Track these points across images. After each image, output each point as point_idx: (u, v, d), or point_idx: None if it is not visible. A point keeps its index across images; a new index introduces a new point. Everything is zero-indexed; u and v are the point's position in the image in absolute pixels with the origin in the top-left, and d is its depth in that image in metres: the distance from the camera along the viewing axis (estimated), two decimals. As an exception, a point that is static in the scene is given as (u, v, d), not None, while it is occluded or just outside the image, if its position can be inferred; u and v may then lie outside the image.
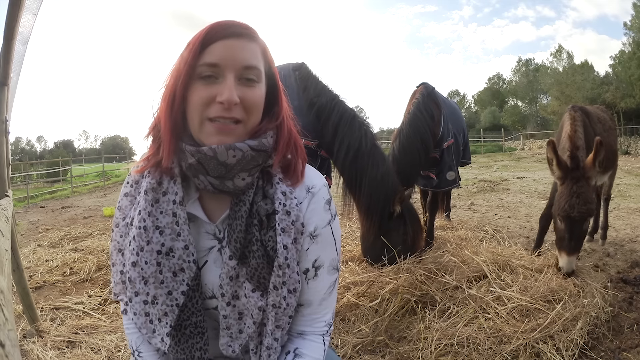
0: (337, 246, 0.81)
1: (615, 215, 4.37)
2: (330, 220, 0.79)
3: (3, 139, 1.85)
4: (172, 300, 0.70)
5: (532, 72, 39.59)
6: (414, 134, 2.78)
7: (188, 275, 0.70)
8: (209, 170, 0.68)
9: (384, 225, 2.44)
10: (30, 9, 1.63)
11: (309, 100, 2.35)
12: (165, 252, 0.70)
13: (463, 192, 7.07)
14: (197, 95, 0.67)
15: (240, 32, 0.69)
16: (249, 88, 0.69)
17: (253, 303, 0.71)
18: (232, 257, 0.70)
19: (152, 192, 0.71)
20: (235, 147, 0.68)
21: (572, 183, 2.17)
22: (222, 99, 0.66)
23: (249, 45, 0.69)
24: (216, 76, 0.67)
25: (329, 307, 0.81)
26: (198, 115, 0.68)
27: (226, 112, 0.67)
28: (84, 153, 60.43)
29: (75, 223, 5.70)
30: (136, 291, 0.70)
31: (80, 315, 2.28)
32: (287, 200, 0.72)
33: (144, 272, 0.69)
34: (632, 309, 2.07)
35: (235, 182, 0.70)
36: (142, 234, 0.69)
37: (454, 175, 3.07)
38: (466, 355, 1.65)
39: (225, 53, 0.67)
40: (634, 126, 22.73)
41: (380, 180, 2.40)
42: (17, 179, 12.27)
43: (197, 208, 0.74)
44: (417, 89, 3.13)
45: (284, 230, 0.71)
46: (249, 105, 0.69)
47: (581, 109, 2.80)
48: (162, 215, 0.70)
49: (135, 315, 0.72)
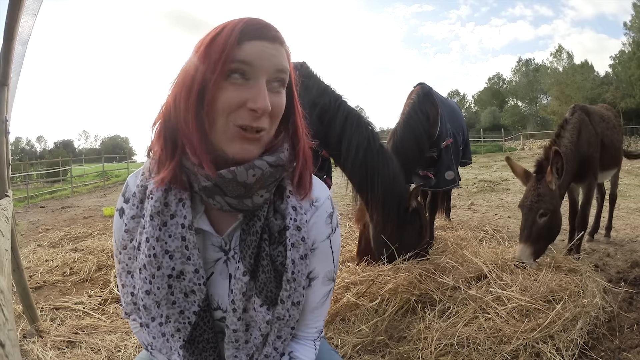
0: (335, 258, 0.80)
1: (615, 215, 4.36)
2: (330, 234, 0.78)
3: (3, 139, 1.85)
4: (184, 319, 0.70)
5: (532, 72, 39.60)
6: (409, 134, 2.81)
7: (199, 297, 0.69)
8: (226, 192, 0.65)
9: (400, 221, 2.47)
10: (30, 10, 1.63)
11: (312, 101, 2.35)
12: (176, 276, 0.68)
13: (463, 192, 7.07)
14: (226, 96, 0.62)
15: (275, 35, 0.66)
16: (276, 94, 0.66)
17: (261, 317, 0.70)
18: (245, 272, 0.69)
19: (158, 216, 0.67)
20: (255, 166, 0.65)
21: (533, 182, 2.46)
22: (256, 107, 0.61)
23: (281, 49, 0.66)
24: (247, 77, 0.63)
25: (320, 315, 0.82)
26: (225, 117, 0.63)
27: (255, 121, 0.63)
28: (84, 153, 60.50)
29: (75, 223, 5.71)
30: (152, 317, 0.69)
31: (80, 315, 2.28)
32: (297, 215, 0.71)
33: (156, 297, 0.68)
34: (632, 309, 2.07)
35: (254, 200, 0.68)
36: (152, 261, 0.67)
37: (453, 175, 3.08)
38: (466, 355, 1.65)
39: (261, 54, 0.63)
40: (634, 126, 22.75)
41: (393, 177, 2.45)
42: (17, 179, 12.27)
43: (205, 222, 0.72)
44: (413, 89, 3.14)
45: (294, 246, 0.70)
46: (275, 112, 0.66)
47: (582, 109, 2.81)
48: (170, 239, 0.67)
49: (154, 339, 0.71)
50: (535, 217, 2.37)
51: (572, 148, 2.57)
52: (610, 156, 3.03)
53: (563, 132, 2.67)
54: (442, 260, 2.49)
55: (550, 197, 2.38)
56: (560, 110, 25.83)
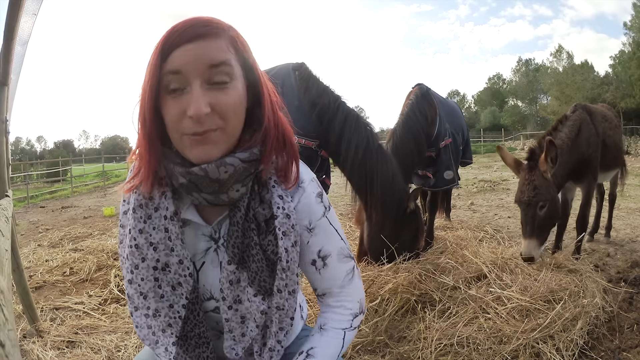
0: (341, 235, 0.81)
1: (615, 215, 4.36)
2: (325, 212, 0.78)
3: (3, 139, 1.85)
4: (174, 313, 0.71)
5: (532, 72, 39.60)
6: (407, 134, 2.82)
7: (186, 289, 0.71)
8: (202, 188, 0.66)
9: (399, 221, 2.48)
10: (30, 10, 1.63)
11: (311, 101, 2.36)
12: (162, 268, 0.70)
13: (463, 192, 7.07)
14: (167, 111, 0.64)
15: (201, 32, 0.63)
16: (220, 91, 0.63)
17: (255, 307, 0.71)
18: (230, 261, 0.70)
19: (141, 208, 0.69)
20: (226, 162, 0.65)
21: (525, 172, 2.40)
22: (191, 114, 0.61)
23: (212, 43, 0.63)
24: (183, 86, 0.63)
25: (352, 295, 0.82)
26: (175, 131, 0.64)
27: (199, 126, 0.62)
28: (84, 153, 60.51)
29: (75, 223, 5.71)
30: (135, 306, 0.71)
31: (80, 315, 2.28)
32: (285, 204, 0.72)
33: (141, 289, 0.70)
34: (632, 309, 2.07)
35: (230, 195, 0.68)
36: (135, 252, 0.69)
37: (452, 175, 3.09)
38: (466, 355, 1.65)
39: (186, 59, 0.62)
40: (634, 126, 22.74)
41: (392, 177, 2.45)
42: (17, 179, 12.26)
43: (193, 213, 0.73)
44: (412, 89, 3.15)
45: (285, 234, 0.71)
46: (223, 110, 0.64)
47: (584, 108, 2.81)
48: (154, 231, 0.69)
49: (137, 328, 0.72)
50: (536, 211, 2.34)
51: (569, 143, 2.55)
52: (613, 156, 3.03)
53: (561, 127, 2.64)
54: (442, 260, 2.49)
55: (547, 187, 2.35)
56: (560, 110, 25.77)
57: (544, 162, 2.35)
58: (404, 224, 2.50)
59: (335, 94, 2.45)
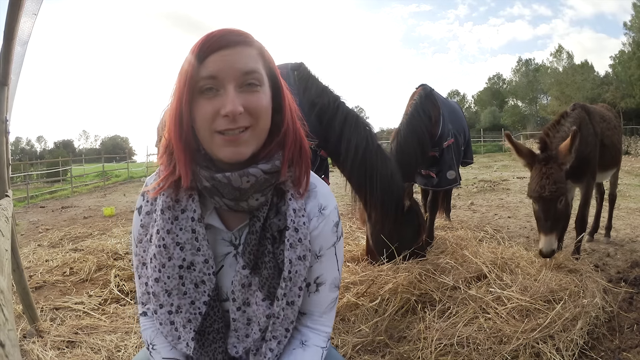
0: (339, 266, 0.85)
1: (615, 215, 4.36)
2: (335, 242, 0.82)
3: (3, 139, 1.85)
4: (195, 309, 0.75)
5: (532, 72, 39.59)
6: (411, 134, 2.84)
7: (209, 287, 0.75)
8: (224, 194, 0.71)
9: (399, 219, 2.49)
10: (30, 10, 1.63)
11: (310, 101, 2.36)
12: (187, 266, 0.74)
13: (463, 192, 7.08)
14: (202, 111, 0.69)
15: (234, 40, 0.69)
16: (251, 94, 0.70)
17: (262, 311, 0.75)
18: (245, 266, 0.74)
19: (169, 210, 0.73)
20: (249, 173, 0.70)
21: (541, 165, 2.33)
22: (226, 112, 0.67)
23: (245, 51, 0.70)
24: (217, 88, 0.68)
25: (329, 321, 0.86)
26: (206, 130, 0.69)
27: (232, 124, 0.68)
28: (84, 153, 60.45)
29: (75, 223, 5.71)
30: (160, 304, 0.75)
31: (80, 315, 2.28)
32: (296, 217, 0.76)
33: (166, 286, 0.74)
34: (632, 309, 2.07)
35: (250, 203, 0.73)
36: (162, 251, 0.73)
37: (455, 175, 3.11)
38: (466, 355, 1.65)
39: (221, 64, 0.67)
40: (634, 126, 22.74)
41: (391, 176, 2.47)
42: (17, 179, 12.27)
43: (215, 218, 0.77)
44: (415, 90, 3.17)
45: (292, 246, 0.75)
46: (254, 110, 0.70)
47: (582, 107, 2.81)
48: (181, 232, 0.73)
49: (161, 325, 0.76)
50: (557, 206, 2.31)
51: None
52: (610, 156, 3.03)
53: (563, 121, 2.62)
54: (442, 260, 2.49)
55: (564, 181, 2.33)
56: (560, 110, 25.79)
57: (567, 152, 2.29)
58: (404, 222, 2.51)
59: (334, 94, 2.46)
